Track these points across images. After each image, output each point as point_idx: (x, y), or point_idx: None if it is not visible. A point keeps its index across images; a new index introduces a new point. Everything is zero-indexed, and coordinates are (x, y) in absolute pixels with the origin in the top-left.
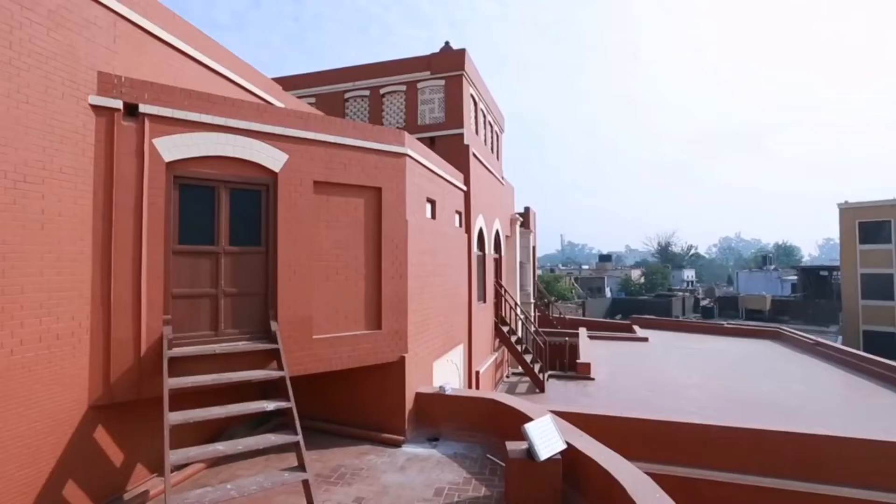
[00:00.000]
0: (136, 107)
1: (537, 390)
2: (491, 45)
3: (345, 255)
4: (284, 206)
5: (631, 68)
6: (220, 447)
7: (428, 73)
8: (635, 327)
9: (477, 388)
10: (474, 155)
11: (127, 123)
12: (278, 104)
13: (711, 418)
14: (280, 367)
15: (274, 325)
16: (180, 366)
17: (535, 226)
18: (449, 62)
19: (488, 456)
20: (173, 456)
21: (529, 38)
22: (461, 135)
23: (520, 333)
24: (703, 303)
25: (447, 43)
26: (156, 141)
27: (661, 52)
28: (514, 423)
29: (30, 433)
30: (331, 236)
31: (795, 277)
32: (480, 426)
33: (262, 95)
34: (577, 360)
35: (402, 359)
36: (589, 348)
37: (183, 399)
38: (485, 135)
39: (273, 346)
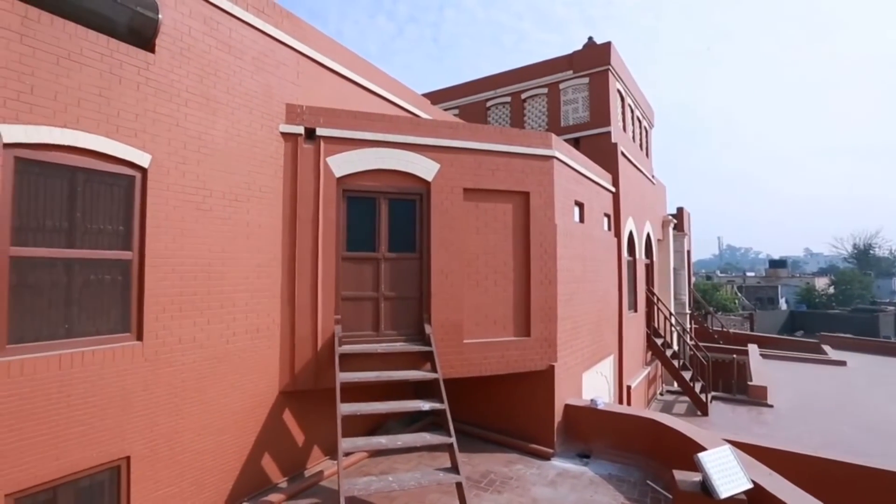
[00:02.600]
0: (314, 131)
1: (699, 413)
2: (631, 38)
3: (493, 261)
4: (436, 213)
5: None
6: (383, 440)
7: (570, 72)
8: (826, 347)
9: (628, 403)
10: (623, 153)
11: (307, 146)
12: (427, 117)
13: None
14: (434, 369)
15: (428, 328)
16: (348, 362)
17: (690, 228)
18: (593, 58)
19: (649, 483)
20: (344, 443)
21: (672, 25)
22: (608, 133)
23: (675, 347)
24: None
25: (590, 38)
26: (329, 159)
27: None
28: (681, 448)
29: (239, 410)
30: (480, 242)
31: None
32: (638, 447)
33: (412, 110)
34: (749, 382)
35: (552, 368)
36: (762, 369)
37: (346, 392)
38: (633, 131)
39: (427, 348)
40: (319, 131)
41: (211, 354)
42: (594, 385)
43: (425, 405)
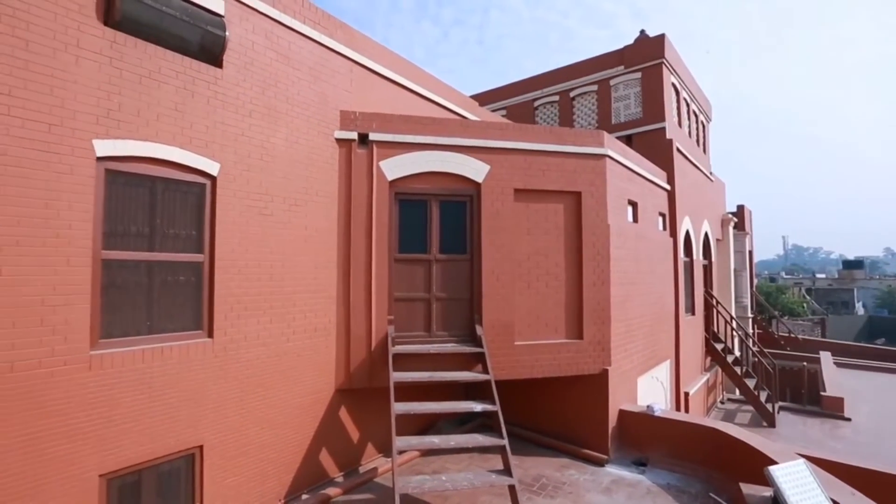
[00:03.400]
0: (367, 136)
1: (764, 424)
2: (686, 32)
3: (545, 262)
4: (487, 214)
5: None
6: (436, 440)
7: (621, 67)
8: None
9: (686, 411)
10: (678, 150)
11: (360, 151)
12: (475, 119)
13: None
14: (485, 371)
15: (479, 330)
16: (400, 362)
17: (752, 227)
18: (645, 52)
19: (712, 495)
20: (399, 442)
21: (728, 17)
22: (662, 129)
23: (737, 353)
24: None
25: (643, 31)
26: (381, 163)
27: None
28: (747, 461)
29: (299, 405)
30: (531, 243)
31: None
32: (698, 457)
33: (460, 112)
34: (823, 393)
35: (605, 372)
36: (837, 378)
37: (398, 391)
38: (689, 126)
39: (478, 349)
40: (372, 136)
41: (273, 352)
42: (650, 390)
43: (477, 406)
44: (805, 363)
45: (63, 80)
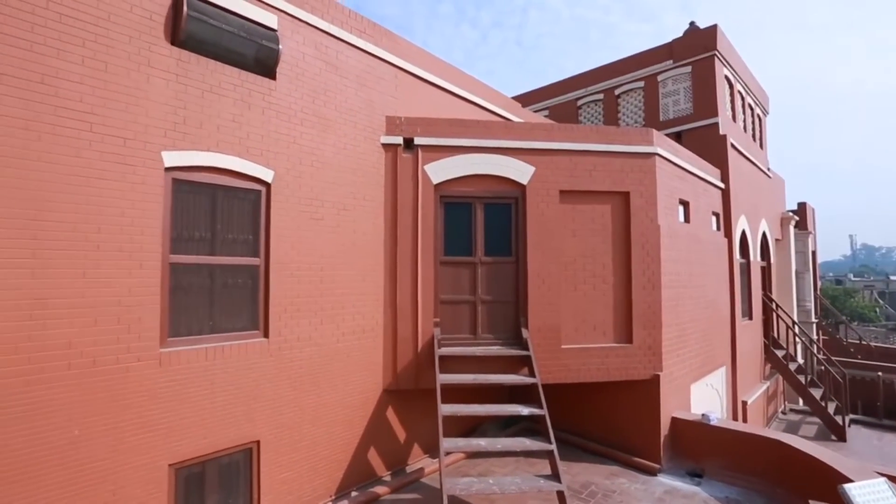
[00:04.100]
0: (412, 140)
1: (833, 437)
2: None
3: (592, 264)
4: (532, 216)
5: None
6: (482, 443)
7: (670, 61)
8: None
9: (744, 420)
10: (732, 145)
11: (405, 155)
12: (518, 121)
13: None
14: (532, 374)
15: (525, 333)
16: (446, 364)
17: (815, 226)
18: (696, 44)
19: None
20: (445, 443)
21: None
22: (715, 124)
23: (801, 360)
24: None
25: (692, 23)
26: (426, 167)
27: None
28: (816, 477)
29: (348, 405)
30: (577, 245)
31: None
32: (759, 471)
33: (503, 114)
34: None
35: (657, 377)
36: None
37: (444, 393)
38: (744, 121)
39: (524, 352)
40: (417, 140)
41: (324, 352)
42: (704, 398)
43: (524, 410)
44: (880, 373)
45: (136, 98)
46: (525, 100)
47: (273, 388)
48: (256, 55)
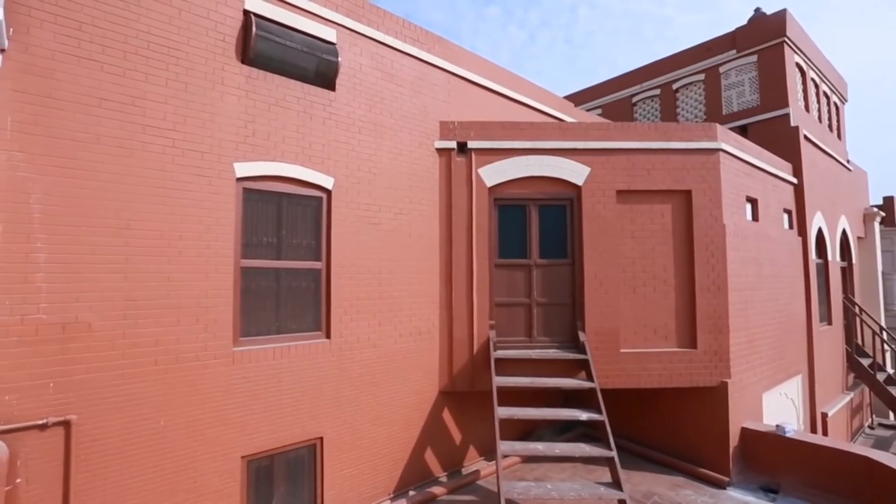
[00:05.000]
0: (465, 144)
1: None
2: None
3: (651, 266)
4: (588, 218)
5: None
6: (540, 447)
7: (733, 51)
8: None
9: (824, 434)
10: (806, 137)
11: (459, 159)
12: (571, 121)
13: None
14: (589, 378)
15: (582, 336)
16: (501, 366)
17: None
18: (762, 31)
19: None
20: (502, 446)
21: None
22: (786, 115)
23: (891, 370)
24: None
25: (758, 9)
26: (480, 170)
27: None
28: None
29: (406, 405)
30: (636, 246)
31: None
32: (844, 489)
33: (555, 115)
34: None
35: (724, 385)
36: None
37: (499, 396)
38: (818, 110)
39: (581, 356)
40: (471, 144)
41: (382, 353)
42: (777, 408)
43: (583, 415)
44: None
45: (212, 114)
46: (577, 99)
47: (335, 387)
48: (317, 68)
